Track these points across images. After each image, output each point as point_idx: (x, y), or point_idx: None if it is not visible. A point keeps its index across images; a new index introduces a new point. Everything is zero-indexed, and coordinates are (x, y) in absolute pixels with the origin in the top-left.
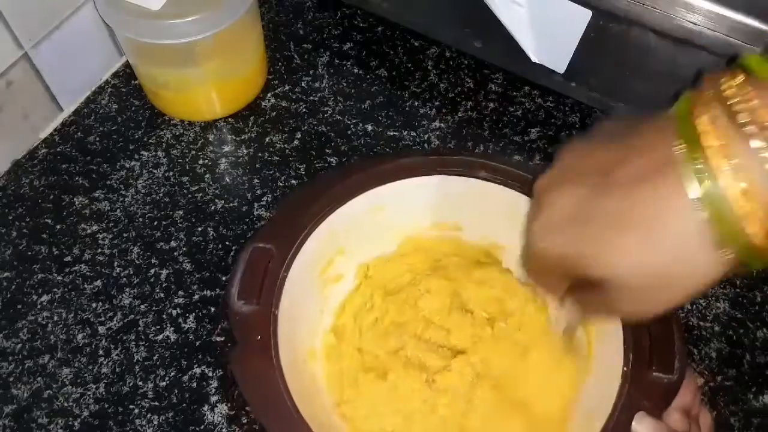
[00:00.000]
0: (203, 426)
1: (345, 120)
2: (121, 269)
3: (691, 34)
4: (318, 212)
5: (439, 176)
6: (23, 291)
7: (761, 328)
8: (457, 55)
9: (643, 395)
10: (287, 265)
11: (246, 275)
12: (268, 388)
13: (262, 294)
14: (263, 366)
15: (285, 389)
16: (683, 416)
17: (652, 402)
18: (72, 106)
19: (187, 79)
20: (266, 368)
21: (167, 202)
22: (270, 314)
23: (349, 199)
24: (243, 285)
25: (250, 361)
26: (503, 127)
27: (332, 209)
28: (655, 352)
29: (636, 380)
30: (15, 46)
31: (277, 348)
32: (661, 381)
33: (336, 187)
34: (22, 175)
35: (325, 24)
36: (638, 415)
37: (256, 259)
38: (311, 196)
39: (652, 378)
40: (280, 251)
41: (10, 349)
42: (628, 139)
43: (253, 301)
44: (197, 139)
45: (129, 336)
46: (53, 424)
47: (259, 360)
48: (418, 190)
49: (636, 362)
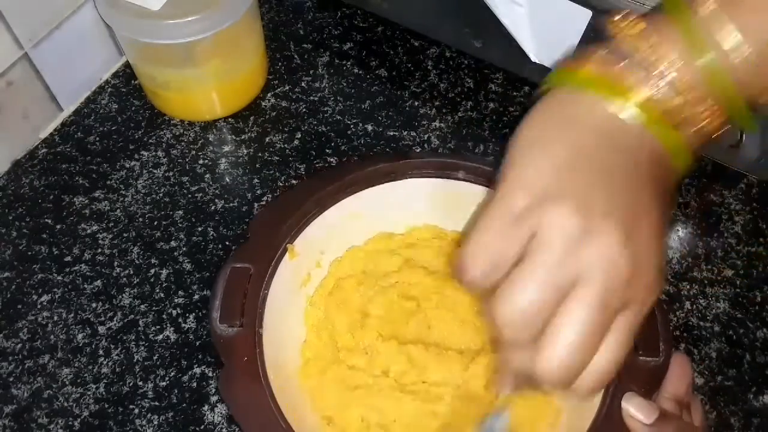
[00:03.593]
0: (203, 426)
1: (345, 120)
2: (121, 269)
3: None
4: (293, 226)
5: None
6: (23, 291)
7: (761, 328)
8: (457, 55)
9: (631, 379)
10: (266, 283)
11: (226, 297)
12: (259, 409)
13: (244, 315)
14: (252, 388)
15: (276, 409)
16: (675, 404)
17: (640, 385)
18: (72, 106)
19: (187, 79)
20: (255, 390)
21: (167, 202)
22: (254, 335)
23: (322, 211)
24: (224, 308)
25: (239, 384)
26: (503, 127)
27: (307, 222)
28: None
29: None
30: (15, 46)
31: (264, 367)
32: (648, 364)
33: (309, 200)
34: (22, 175)
35: (325, 24)
36: (627, 395)
37: (235, 280)
38: (284, 212)
39: (639, 362)
40: (258, 270)
41: (10, 349)
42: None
43: (236, 323)
44: (197, 139)
45: (129, 336)
46: (53, 424)
47: (247, 382)
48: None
49: None
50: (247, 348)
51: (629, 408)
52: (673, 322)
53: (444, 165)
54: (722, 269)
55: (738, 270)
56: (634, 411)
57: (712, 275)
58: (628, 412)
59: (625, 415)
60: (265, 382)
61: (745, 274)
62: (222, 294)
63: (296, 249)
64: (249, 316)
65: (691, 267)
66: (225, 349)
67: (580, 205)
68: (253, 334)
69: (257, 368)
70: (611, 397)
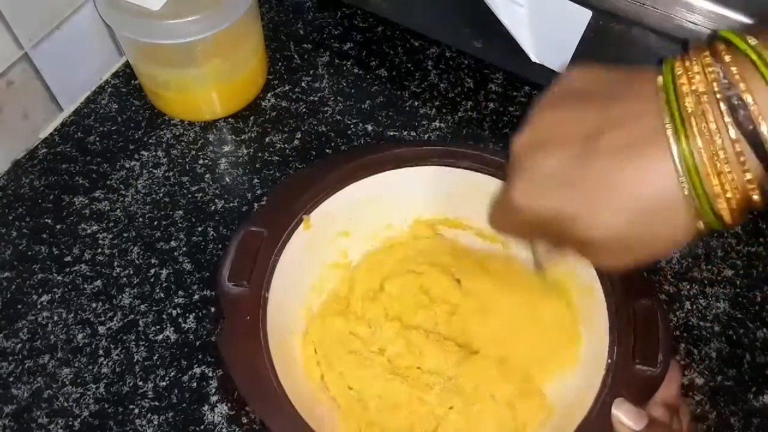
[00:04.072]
0: (203, 426)
1: (345, 120)
2: (121, 269)
3: (691, 34)
4: (311, 199)
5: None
6: (23, 291)
7: (761, 328)
8: (457, 55)
9: (623, 386)
10: (279, 250)
11: (237, 258)
12: (254, 367)
13: (252, 276)
14: (251, 346)
15: (271, 369)
16: (666, 410)
17: (631, 393)
18: (72, 106)
19: (187, 79)
20: (254, 349)
21: (167, 202)
22: (260, 296)
23: (343, 186)
24: (233, 267)
25: (238, 341)
26: (503, 127)
27: (326, 196)
28: (640, 344)
29: (619, 372)
30: (15, 46)
31: (266, 329)
32: (644, 373)
33: (329, 176)
34: (22, 175)
35: (325, 24)
36: (617, 401)
37: (247, 243)
38: (304, 183)
39: (635, 370)
40: (271, 235)
41: (10, 349)
42: (609, 103)
43: (243, 283)
44: (197, 139)
45: (129, 336)
46: (53, 424)
47: (246, 340)
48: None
49: (620, 354)
50: (251, 308)
51: (619, 414)
52: (673, 321)
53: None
54: (722, 269)
55: (738, 270)
56: (624, 417)
57: (712, 275)
58: (618, 419)
59: (615, 422)
60: (264, 342)
61: (745, 274)
62: (233, 254)
63: (312, 221)
64: (256, 279)
65: (691, 267)
66: (229, 306)
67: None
68: (258, 296)
69: (258, 327)
70: (602, 403)
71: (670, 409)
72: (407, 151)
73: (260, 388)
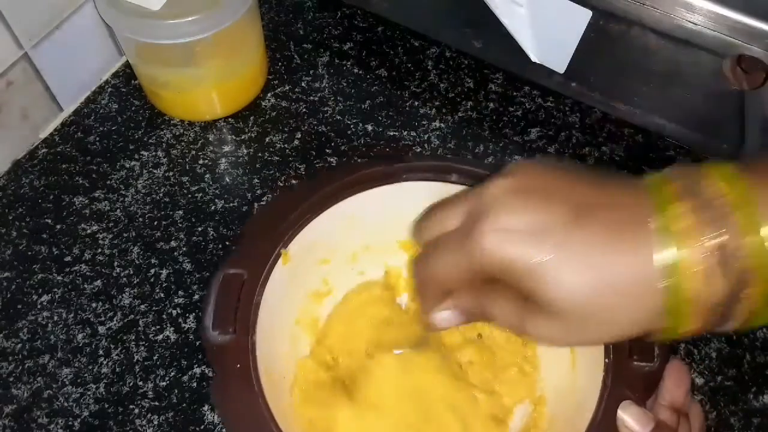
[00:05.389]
0: (203, 426)
1: (345, 120)
2: (121, 269)
3: (691, 34)
4: (286, 231)
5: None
6: (23, 291)
7: (761, 328)
8: (457, 55)
9: (625, 384)
10: (260, 290)
11: (219, 304)
12: (252, 418)
13: (237, 322)
14: (245, 395)
15: (270, 417)
16: (672, 412)
17: (634, 390)
18: (72, 106)
19: (187, 79)
20: (248, 397)
21: (167, 202)
22: (247, 342)
23: (317, 214)
24: (217, 315)
25: (232, 392)
26: (503, 127)
27: (302, 226)
28: (635, 341)
29: (617, 370)
30: (15, 46)
31: (258, 375)
32: (642, 369)
33: (302, 205)
34: (22, 175)
35: (325, 24)
36: (624, 404)
37: (228, 286)
38: (276, 215)
39: (633, 367)
40: (251, 274)
41: (10, 349)
42: (600, 186)
43: (228, 330)
44: (197, 139)
45: (129, 336)
46: (53, 424)
47: (240, 389)
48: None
49: (616, 352)
50: (240, 355)
51: (624, 417)
52: None
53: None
54: None
55: None
56: (630, 420)
57: None
58: (624, 422)
59: (620, 425)
60: (258, 389)
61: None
62: (215, 301)
63: (290, 254)
64: (242, 324)
65: None
66: (218, 356)
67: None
68: (246, 342)
69: (249, 375)
70: (606, 404)
71: (679, 412)
72: (378, 171)
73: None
